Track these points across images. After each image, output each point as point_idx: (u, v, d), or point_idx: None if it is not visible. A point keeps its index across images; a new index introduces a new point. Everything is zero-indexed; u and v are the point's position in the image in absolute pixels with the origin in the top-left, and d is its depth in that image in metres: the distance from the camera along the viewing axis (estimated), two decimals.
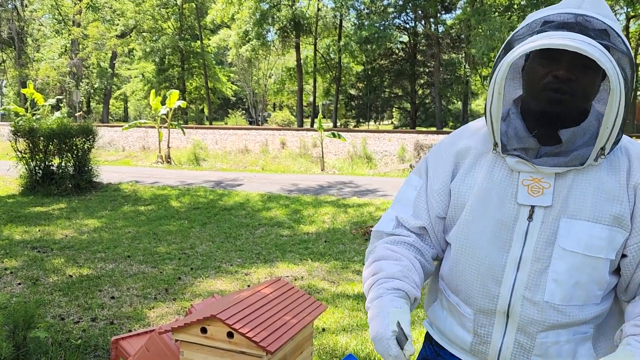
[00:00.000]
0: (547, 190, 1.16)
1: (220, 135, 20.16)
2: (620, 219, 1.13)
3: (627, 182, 1.15)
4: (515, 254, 1.18)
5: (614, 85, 1.05)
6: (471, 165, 1.27)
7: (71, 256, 5.63)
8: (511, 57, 1.12)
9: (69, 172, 9.63)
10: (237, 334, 2.05)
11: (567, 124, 1.15)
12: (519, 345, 1.21)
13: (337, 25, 31.98)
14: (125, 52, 41.28)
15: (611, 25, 1.11)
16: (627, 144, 1.20)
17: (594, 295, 1.18)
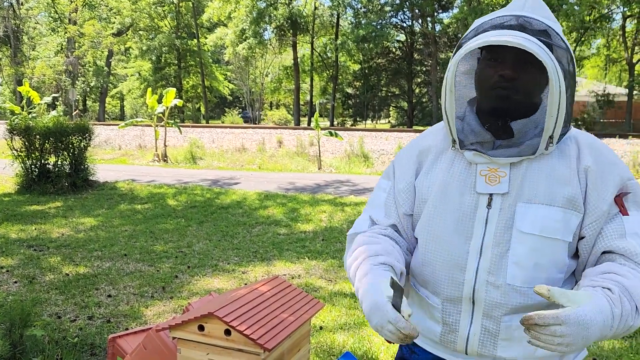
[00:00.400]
0: (504, 179, 1.23)
1: (217, 134, 20.15)
2: (572, 201, 1.20)
3: (577, 167, 1.22)
4: (477, 241, 1.24)
5: (552, 76, 1.13)
6: (432, 163, 1.35)
7: (67, 255, 5.61)
8: (457, 56, 1.22)
9: (65, 170, 9.60)
10: (235, 331, 2.04)
11: (517, 117, 1.24)
12: (485, 330, 1.25)
13: (334, 23, 31.98)
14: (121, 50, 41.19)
15: (551, 26, 1.21)
16: (576, 134, 1.29)
17: (554, 278, 1.23)
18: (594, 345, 3.53)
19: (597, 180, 1.21)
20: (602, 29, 26.39)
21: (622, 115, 27.88)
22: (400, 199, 1.39)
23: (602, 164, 1.23)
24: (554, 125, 1.18)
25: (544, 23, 1.21)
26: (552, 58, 1.14)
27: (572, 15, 23.90)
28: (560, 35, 1.21)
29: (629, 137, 16.20)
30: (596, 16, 25.68)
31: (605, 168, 1.22)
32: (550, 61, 1.13)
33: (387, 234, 1.39)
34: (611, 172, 1.22)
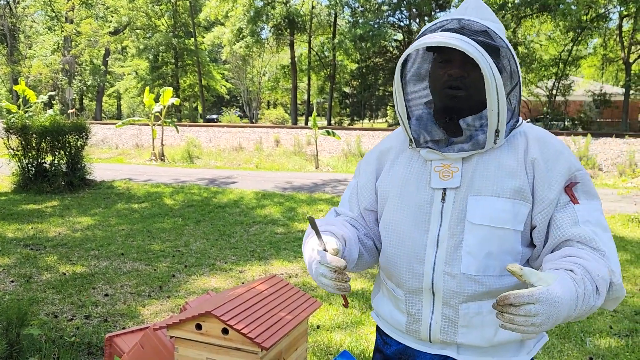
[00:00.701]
0: (456, 173, 1.31)
1: (214, 133, 20.12)
2: (520, 192, 1.26)
3: (524, 159, 1.29)
4: (433, 233, 1.32)
5: (486, 73, 1.19)
6: (392, 162, 1.44)
7: (64, 254, 5.60)
8: (401, 59, 1.32)
9: (62, 169, 9.57)
10: (232, 330, 2.04)
11: (467, 114, 1.31)
12: (445, 318, 1.32)
13: (331, 23, 31.97)
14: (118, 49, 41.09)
15: (490, 27, 1.29)
16: (527, 129, 1.35)
17: None
18: (591, 344, 3.54)
19: (544, 171, 1.27)
20: (599, 28, 26.44)
21: (618, 114, 27.96)
22: (361, 195, 1.49)
23: (549, 155, 1.29)
24: (497, 120, 1.24)
25: (483, 24, 1.28)
26: (484, 56, 1.19)
27: (569, 14, 23.94)
28: (499, 34, 1.29)
29: (625, 136, 16.24)
30: (593, 16, 25.73)
31: (551, 159, 1.28)
32: (482, 59, 1.18)
33: (347, 220, 1.48)
34: (558, 162, 1.28)
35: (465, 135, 1.29)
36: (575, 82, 30.22)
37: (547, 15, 26.50)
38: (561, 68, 28.15)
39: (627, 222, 7.15)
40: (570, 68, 29.20)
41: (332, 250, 1.19)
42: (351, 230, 1.41)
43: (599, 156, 14.21)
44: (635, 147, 14.40)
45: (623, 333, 3.73)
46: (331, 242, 1.23)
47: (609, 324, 3.87)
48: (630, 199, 9.22)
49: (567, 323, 3.88)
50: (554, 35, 29.21)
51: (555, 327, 3.80)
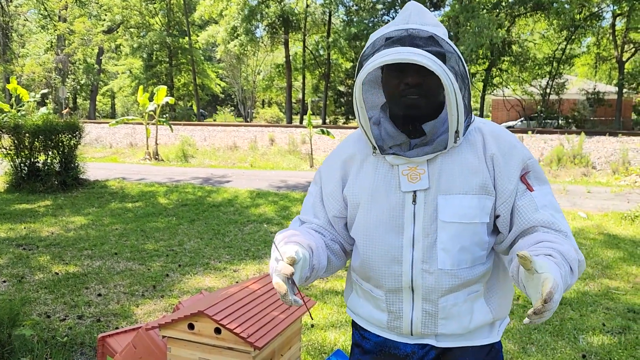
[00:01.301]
0: (423, 175, 1.36)
1: (209, 132, 20.06)
2: (484, 187, 1.34)
3: (484, 155, 1.36)
4: (408, 235, 1.37)
5: (445, 82, 1.24)
6: (358, 169, 1.47)
7: (57, 253, 5.57)
8: (360, 77, 1.32)
9: (55, 168, 9.53)
10: (225, 329, 2.03)
11: (427, 118, 1.35)
12: (426, 313, 1.40)
13: (326, 21, 31.93)
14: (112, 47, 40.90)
15: (435, 32, 1.33)
16: (480, 125, 1.41)
17: (478, 256, 1.38)
18: (584, 341, 3.55)
19: (502, 164, 1.35)
20: (592, 27, 26.53)
21: (612, 113, 28.08)
22: (329, 203, 1.52)
23: (505, 149, 1.37)
24: (456, 121, 1.29)
25: (428, 31, 1.33)
26: (442, 67, 1.24)
27: (563, 13, 24.02)
28: (445, 39, 1.33)
29: (619, 134, 16.32)
30: (586, 14, 25.82)
31: (507, 153, 1.36)
32: (440, 69, 1.23)
33: (312, 227, 1.51)
34: (513, 155, 1.36)
35: (427, 137, 1.34)
36: (569, 80, 30.33)
37: (541, 14, 26.57)
38: (555, 67, 28.24)
39: (620, 220, 7.18)
40: (564, 67, 29.31)
41: (287, 259, 1.19)
42: (317, 238, 1.45)
43: (593, 154, 14.27)
44: (628, 145, 14.46)
45: (616, 330, 3.74)
46: (289, 251, 1.23)
47: (602, 322, 3.88)
48: (624, 197, 9.26)
49: (561, 320, 3.89)
50: (548, 34, 29.31)
51: (549, 325, 3.81)
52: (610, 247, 5.94)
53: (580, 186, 11.03)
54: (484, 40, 22.47)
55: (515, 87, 29.79)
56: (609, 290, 4.58)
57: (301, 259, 1.25)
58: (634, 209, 7.50)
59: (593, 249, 5.89)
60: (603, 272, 5.10)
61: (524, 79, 28.93)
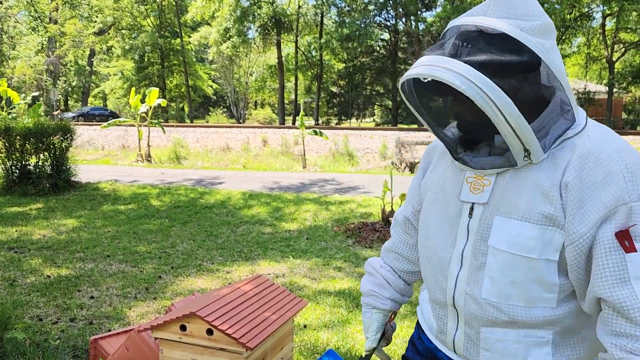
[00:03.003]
0: (487, 187, 1.17)
1: (202, 134, 20.04)
2: (551, 218, 1.08)
3: (560, 180, 1.08)
4: (459, 249, 1.22)
5: (481, 103, 1.01)
6: (436, 162, 1.36)
7: (49, 256, 5.55)
8: (400, 83, 1.17)
9: (47, 171, 9.48)
10: (217, 330, 2.04)
11: (493, 132, 1.10)
12: (467, 337, 1.24)
13: (318, 22, 31.97)
14: (103, 49, 40.75)
15: (507, 31, 1.04)
16: (579, 140, 1.11)
17: (540, 297, 1.13)
18: None
19: (576, 198, 1.06)
20: (583, 27, 26.75)
21: (602, 112, 28.30)
22: (414, 195, 1.47)
23: (591, 178, 1.05)
24: (518, 142, 1.06)
25: (496, 29, 1.05)
26: (469, 79, 1.00)
27: (553, 13, 24.18)
28: (521, 40, 1.04)
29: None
30: (577, 15, 26.02)
31: (592, 183, 1.05)
32: (468, 84, 1.00)
33: (389, 267, 1.57)
34: (600, 189, 1.04)
35: (500, 148, 1.14)
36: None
37: None
38: None
39: None
40: None
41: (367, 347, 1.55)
42: (392, 286, 1.55)
43: None
44: None
45: None
46: (368, 343, 1.55)
47: None
48: None
49: None
50: None
51: None
52: None
53: None
54: None
55: None
56: None
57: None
58: None
59: None
60: None
61: None
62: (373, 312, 1.52)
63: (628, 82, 29.27)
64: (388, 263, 1.56)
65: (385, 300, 1.52)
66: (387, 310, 1.53)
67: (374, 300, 1.52)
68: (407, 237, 1.52)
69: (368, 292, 1.54)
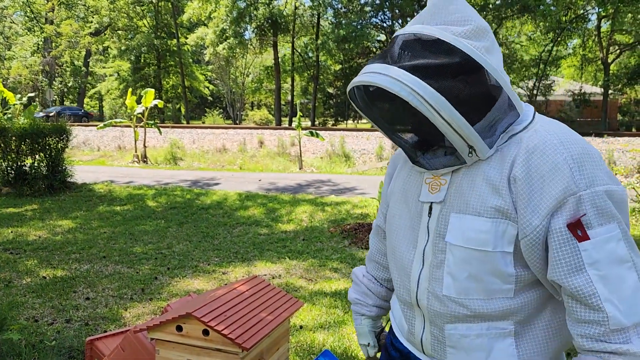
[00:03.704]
0: (443, 187, 1.21)
1: (198, 135, 20.01)
2: (503, 211, 1.11)
3: (508, 174, 1.12)
4: (420, 249, 1.25)
5: (415, 103, 1.05)
6: (400, 168, 1.40)
7: (45, 257, 5.54)
8: (348, 92, 1.20)
9: (42, 172, 9.46)
10: (213, 331, 2.05)
11: (441, 133, 1.14)
12: (433, 336, 1.26)
13: (314, 23, 32.00)
14: (99, 50, 40.67)
15: (440, 36, 1.09)
16: (526, 134, 1.14)
17: (499, 289, 1.15)
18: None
19: (525, 191, 1.09)
20: (578, 29, 26.86)
21: (598, 114, 28.42)
22: (384, 201, 1.50)
23: (538, 172, 1.08)
24: (460, 140, 1.09)
25: (431, 35, 1.10)
26: (409, 85, 1.04)
27: (549, 15, 24.28)
28: (454, 41, 1.09)
29: (604, 135, 16.51)
30: (572, 17, 26.13)
31: (539, 177, 1.08)
32: (402, 87, 1.05)
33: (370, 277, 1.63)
34: (548, 182, 1.06)
35: (451, 149, 1.19)
36: (555, 82, 30.65)
37: (528, 16, 26.83)
38: (542, 68, 28.53)
39: None
40: (550, 68, 29.64)
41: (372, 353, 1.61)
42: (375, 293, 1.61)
43: None
44: (613, 145, 14.64)
45: None
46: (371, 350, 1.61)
47: None
48: None
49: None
50: (535, 36, 29.59)
51: None
52: None
53: None
54: None
55: None
56: None
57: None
58: None
59: None
60: None
61: (512, 80, 29.17)
62: (362, 319, 1.61)
63: (623, 83, 29.39)
64: (370, 272, 1.63)
65: (370, 307, 1.60)
66: (375, 316, 1.61)
67: (360, 308, 1.61)
68: (382, 246, 1.58)
69: (354, 301, 1.62)
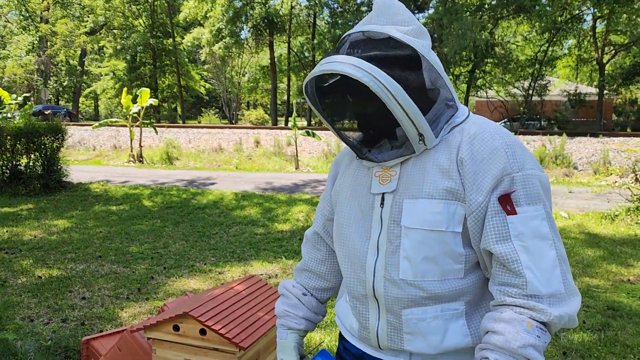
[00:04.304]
0: (394, 177, 1.28)
1: (194, 134, 19.97)
2: (453, 192, 1.20)
3: (456, 158, 1.22)
4: (374, 239, 1.29)
5: (378, 92, 1.13)
6: (345, 169, 1.44)
7: (40, 257, 5.52)
8: (303, 85, 1.26)
9: (38, 171, 9.43)
10: (210, 330, 2.05)
11: (391, 128, 1.24)
12: (390, 325, 1.29)
13: (310, 23, 31.97)
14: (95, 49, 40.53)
15: (391, 33, 1.20)
16: (467, 125, 1.26)
17: (451, 269, 1.23)
18: (564, 339, 3.62)
19: (470, 172, 1.20)
20: (574, 29, 26.92)
21: (593, 114, 28.51)
22: (322, 205, 1.53)
23: (480, 154, 1.20)
24: (412, 127, 1.18)
25: (383, 33, 1.20)
26: (369, 71, 1.12)
27: (545, 15, 24.34)
28: (402, 37, 1.19)
29: (599, 135, 16.57)
30: (567, 17, 26.19)
31: (481, 159, 1.20)
32: (364, 74, 1.12)
33: (303, 284, 1.58)
34: (488, 163, 1.19)
35: (400, 140, 1.26)
36: (551, 82, 30.73)
37: (523, 16, 26.89)
38: (537, 68, 28.59)
39: (601, 220, 7.31)
40: (546, 68, 29.68)
41: None
42: (306, 306, 1.55)
43: (574, 155, 14.48)
44: (608, 146, 14.70)
45: (595, 327, 3.81)
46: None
47: (582, 319, 3.96)
48: (604, 197, 9.41)
49: None
50: (530, 36, 29.66)
51: None
52: (590, 246, 6.05)
53: (562, 186, 11.20)
54: (468, 42, 22.67)
55: (499, 89, 30.12)
56: (589, 288, 4.66)
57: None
58: (613, 208, 7.64)
59: (574, 247, 5.99)
60: (584, 270, 5.19)
61: (507, 80, 29.24)
62: (288, 333, 1.53)
63: (618, 84, 29.48)
64: (300, 282, 1.59)
65: (299, 319, 1.54)
66: (302, 330, 1.54)
67: (288, 321, 1.53)
68: (317, 253, 1.57)
69: (282, 313, 1.55)
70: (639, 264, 5.33)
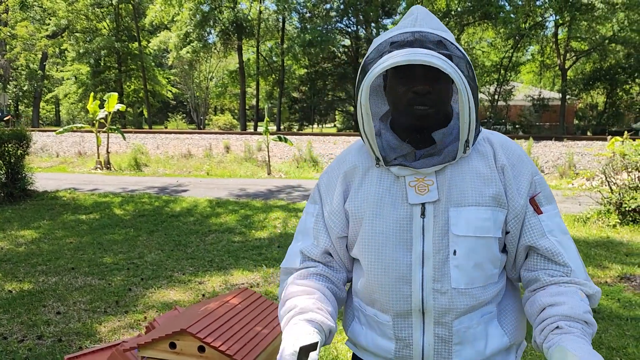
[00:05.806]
0: (432, 187, 1.27)
1: (162, 140, 19.60)
2: (497, 199, 1.26)
3: (495, 165, 1.29)
4: (417, 251, 1.26)
5: (460, 86, 1.17)
6: (360, 181, 1.35)
7: (9, 270, 5.28)
8: (368, 80, 1.22)
9: (1, 180, 9.06)
10: (209, 347, 1.96)
11: (436, 127, 1.28)
12: (439, 338, 1.28)
13: (279, 28, 31.91)
14: (56, 53, 39.46)
15: (444, 37, 1.25)
16: (488, 135, 1.36)
17: (491, 274, 1.29)
18: None
19: (512, 177, 1.28)
20: (537, 36, 27.63)
21: (556, 118, 29.31)
22: (332, 222, 1.38)
23: (514, 161, 1.31)
24: (467, 130, 1.23)
25: (438, 35, 1.25)
26: (455, 69, 1.17)
27: (509, 22, 24.93)
28: (454, 43, 1.26)
29: (564, 139, 17.02)
30: (531, 24, 26.87)
31: (516, 164, 1.31)
32: (455, 73, 1.16)
33: (319, 272, 1.38)
34: (521, 168, 1.31)
35: (436, 147, 1.26)
36: (515, 87, 31.45)
37: (489, 23, 27.48)
38: (502, 74, 29.23)
39: (573, 222, 7.46)
40: (510, 74, 30.37)
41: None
42: (332, 303, 1.34)
43: (540, 158, 14.80)
44: (573, 149, 15.10)
45: None
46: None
47: None
48: (575, 200, 9.63)
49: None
50: (495, 42, 30.31)
51: None
52: None
53: None
54: None
55: None
56: None
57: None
58: (585, 211, 7.81)
59: None
60: None
61: None
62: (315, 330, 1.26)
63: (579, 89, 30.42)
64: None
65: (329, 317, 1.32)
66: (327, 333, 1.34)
67: (320, 316, 1.30)
68: (331, 265, 1.43)
69: (309, 307, 1.30)
70: (614, 266, 5.45)
